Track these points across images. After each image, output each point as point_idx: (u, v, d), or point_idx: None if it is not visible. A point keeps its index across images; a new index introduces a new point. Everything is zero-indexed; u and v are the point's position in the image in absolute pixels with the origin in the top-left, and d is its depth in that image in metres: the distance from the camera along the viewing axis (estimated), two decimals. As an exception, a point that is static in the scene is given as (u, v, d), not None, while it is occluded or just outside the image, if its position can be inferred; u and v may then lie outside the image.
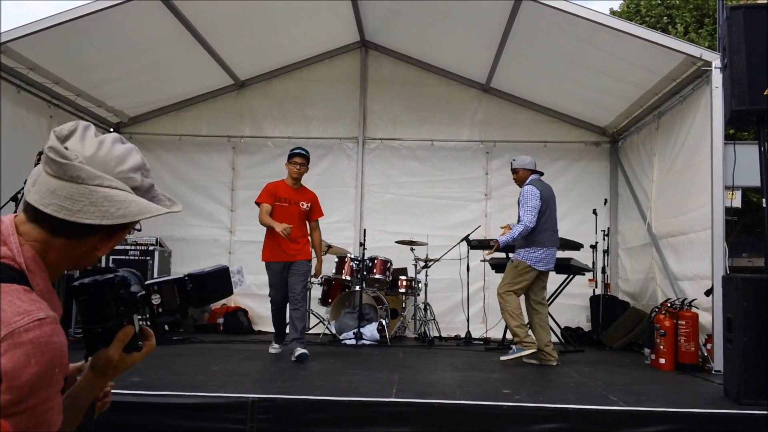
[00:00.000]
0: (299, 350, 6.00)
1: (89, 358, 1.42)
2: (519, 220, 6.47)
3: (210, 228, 9.36)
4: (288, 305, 6.43)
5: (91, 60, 7.61)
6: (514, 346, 6.33)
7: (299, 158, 6.49)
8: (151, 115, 9.60)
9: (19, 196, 6.40)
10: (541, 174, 6.89)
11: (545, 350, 6.28)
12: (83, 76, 7.86)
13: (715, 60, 5.97)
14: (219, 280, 1.55)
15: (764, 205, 4.80)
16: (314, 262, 6.75)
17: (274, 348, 6.64)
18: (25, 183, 4.91)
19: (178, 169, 9.50)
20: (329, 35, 9.19)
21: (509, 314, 6.33)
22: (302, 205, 6.52)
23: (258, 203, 6.47)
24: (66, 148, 1.25)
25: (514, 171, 6.86)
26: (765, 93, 4.60)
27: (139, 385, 4.43)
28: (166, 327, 1.52)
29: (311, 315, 8.21)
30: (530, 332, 6.40)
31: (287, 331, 6.57)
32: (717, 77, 5.83)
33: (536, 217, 6.37)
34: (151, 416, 4.00)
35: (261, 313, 9.07)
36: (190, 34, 7.67)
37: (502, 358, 6.32)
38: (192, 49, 8.05)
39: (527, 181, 6.69)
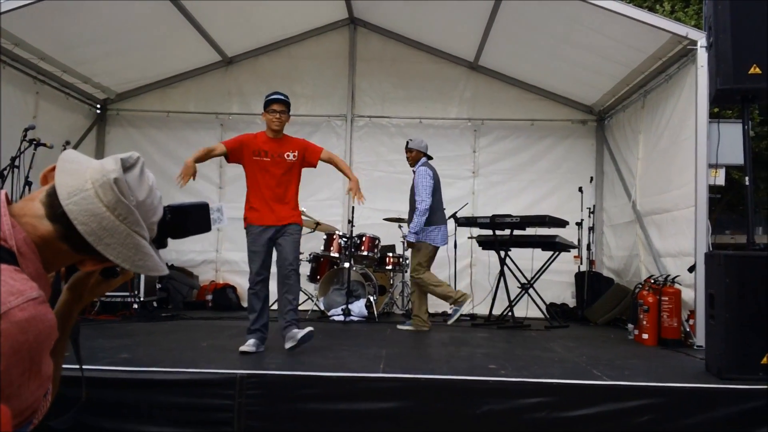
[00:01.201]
0: (300, 332, 5.09)
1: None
2: (414, 202, 6.99)
3: (198, 206, 9.34)
4: (277, 281, 5.40)
5: (77, 36, 7.54)
6: (451, 309, 7.08)
7: (278, 104, 5.38)
8: (139, 92, 9.53)
9: (5, 173, 6.38)
10: (431, 158, 7.39)
11: (423, 317, 7.04)
12: (70, 53, 7.80)
13: (701, 39, 6.00)
14: (198, 214, 1.56)
15: (747, 183, 4.87)
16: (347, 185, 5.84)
17: (248, 345, 5.11)
18: (12, 160, 4.84)
19: (166, 146, 9.46)
20: (317, 12, 9.13)
21: (433, 286, 6.98)
22: (288, 156, 5.39)
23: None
24: (126, 180, 1.27)
25: (409, 150, 7.28)
26: (750, 72, 4.64)
27: (129, 362, 4.47)
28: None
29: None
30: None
31: (267, 320, 5.37)
32: (702, 56, 5.87)
33: (431, 196, 6.93)
34: (140, 393, 4.04)
35: (249, 289, 9.11)
36: (178, 11, 7.61)
37: (449, 322, 7.03)
38: (179, 26, 7.99)
39: (420, 163, 7.18)
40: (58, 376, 1.43)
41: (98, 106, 9.42)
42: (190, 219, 1.54)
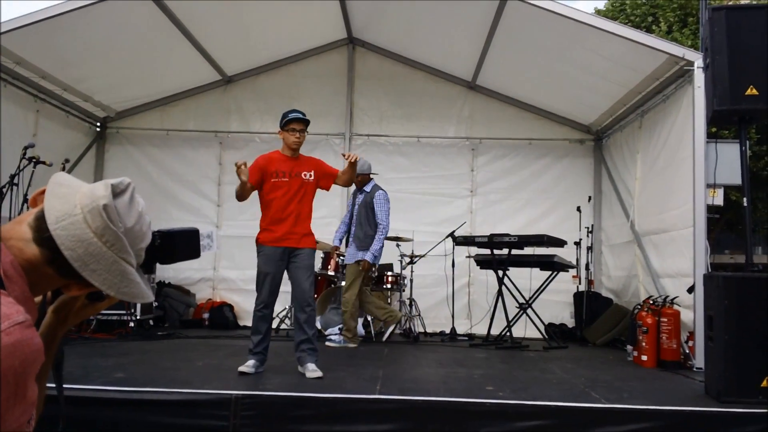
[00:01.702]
0: (313, 373, 4.96)
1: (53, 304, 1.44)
2: (374, 223, 7.27)
3: (196, 223, 9.31)
4: (294, 311, 5.39)
5: (78, 55, 7.58)
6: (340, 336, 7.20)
7: (298, 124, 5.29)
8: (138, 110, 9.55)
9: (4, 191, 6.38)
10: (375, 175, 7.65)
11: (354, 332, 7.25)
12: (70, 71, 7.83)
13: (698, 60, 6.03)
14: (187, 240, 1.53)
15: (745, 203, 4.86)
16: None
17: (247, 366, 5.02)
18: (11, 178, 4.83)
19: (165, 163, 9.47)
20: (316, 32, 9.19)
21: (368, 303, 7.50)
22: (305, 176, 5.29)
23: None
24: (115, 207, 1.26)
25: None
26: (746, 93, 4.66)
27: (124, 381, 4.44)
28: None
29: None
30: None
31: (269, 342, 5.26)
32: (699, 77, 5.90)
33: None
34: (135, 413, 4.00)
35: (247, 308, 9.05)
36: (177, 29, 7.65)
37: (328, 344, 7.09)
38: (179, 44, 8.03)
39: (371, 184, 7.45)
40: (41, 401, 1.41)
41: (98, 124, 9.44)
42: (180, 245, 1.52)
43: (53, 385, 1.48)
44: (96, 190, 1.27)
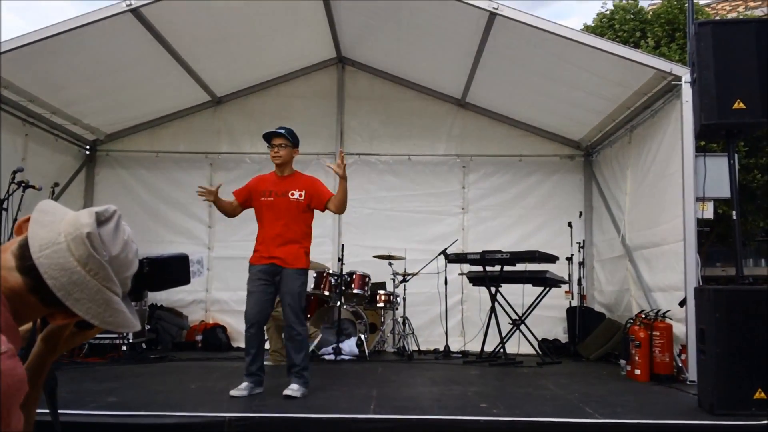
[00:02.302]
0: (290, 389, 4.98)
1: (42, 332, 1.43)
2: None
3: (188, 245, 9.30)
4: (284, 334, 5.35)
5: (66, 78, 7.58)
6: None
7: (277, 138, 5.33)
8: (128, 132, 9.55)
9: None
10: None
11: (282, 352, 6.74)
12: (59, 94, 7.83)
13: (685, 74, 6.08)
14: (177, 267, 1.53)
15: (734, 217, 4.89)
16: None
17: (239, 390, 4.98)
18: (0, 203, 4.82)
19: (156, 186, 9.46)
20: (306, 52, 9.24)
21: None
22: (292, 195, 5.23)
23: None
24: (100, 235, 1.25)
25: None
26: (734, 107, 4.70)
27: (116, 406, 4.40)
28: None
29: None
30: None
31: (263, 362, 5.25)
32: (687, 91, 5.94)
33: None
34: (127, 437, 3.97)
35: (240, 329, 8.95)
36: (166, 51, 7.66)
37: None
38: (168, 66, 8.04)
39: None
40: (30, 429, 1.39)
41: (87, 147, 9.42)
42: (169, 271, 1.52)
43: (46, 411, 1.47)
44: (80, 218, 1.26)
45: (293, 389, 5.00)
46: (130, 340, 7.64)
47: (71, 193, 8.84)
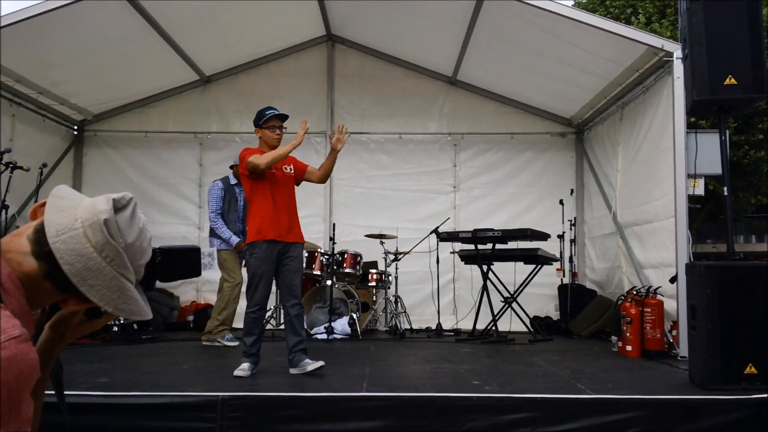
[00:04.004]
0: (312, 364, 4.94)
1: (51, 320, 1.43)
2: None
3: (178, 225, 9.27)
4: (283, 311, 5.24)
5: (53, 57, 7.49)
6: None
7: (277, 120, 5.28)
8: (116, 112, 9.47)
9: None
10: None
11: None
12: (46, 74, 7.74)
13: (677, 51, 6.05)
14: (188, 258, 1.55)
15: (725, 193, 4.89)
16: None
17: (242, 370, 4.92)
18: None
19: (145, 166, 9.40)
20: (295, 29, 9.15)
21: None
22: (285, 169, 5.28)
23: (250, 160, 5.06)
24: (116, 222, 1.24)
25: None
26: (725, 83, 4.68)
27: (108, 386, 4.39)
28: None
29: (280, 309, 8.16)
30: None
31: (261, 343, 5.16)
32: (678, 67, 5.91)
33: None
34: (120, 417, 3.96)
35: (231, 309, 9.04)
36: (154, 30, 7.58)
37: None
38: (156, 45, 7.96)
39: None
40: (37, 416, 1.39)
41: (75, 127, 9.34)
42: (180, 262, 1.53)
43: (51, 392, 1.46)
44: (97, 204, 1.25)
45: (314, 362, 4.96)
46: (122, 321, 7.61)
47: (60, 174, 8.77)
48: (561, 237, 8.65)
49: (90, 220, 1.22)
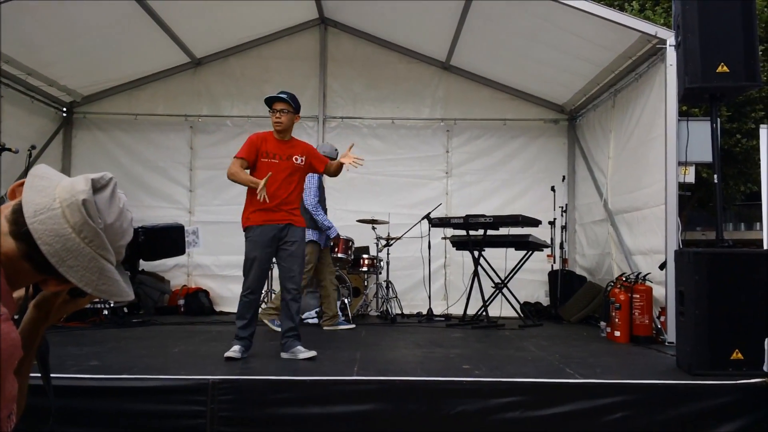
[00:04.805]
0: (304, 353, 5.01)
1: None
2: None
3: (168, 209, 9.22)
4: (281, 294, 5.27)
5: (42, 38, 7.41)
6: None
7: (279, 103, 5.21)
8: (106, 94, 9.39)
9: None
10: None
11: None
12: (35, 55, 7.65)
13: (670, 38, 6.05)
14: (172, 237, 1.54)
15: (715, 180, 4.92)
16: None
17: (233, 351, 4.93)
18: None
19: (135, 149, 9.34)
20: (287, 12, 9.07)
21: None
22: (296, 159, 5.20)
23: (235, 158, 5.20)
24: (95, 202, 1.23)
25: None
26: (717, 71, 4.69)
27: (98, 369, 4.39)
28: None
29: (272, 294, 8.18)
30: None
31: (255, 328, 5.17)
32: (671, 55, 5.92)
33: None
34: (110, 401, 3.97)
35: (222, 293, 9.06)
36: (144, 12, 7.51)
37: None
38: (146, 27, 7.88)
39: None
40: (23, 396, 1.38)
41: (64, 109, 9.26)
42: (164, 241, 1.52)
43: (38, 375, 1.45)
44: (76, 184, 1.24)
45: (306, 351, 5.03)
46: (112, 305, 7.60)
47: (49, 156, 8.70)
48: (552, 223, 8.68)
49: (68, 200, 1.21)
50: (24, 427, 1.37)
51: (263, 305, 7.13)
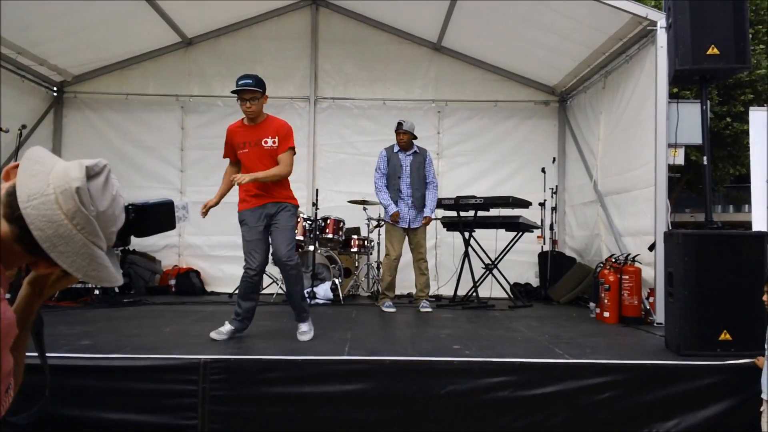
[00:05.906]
0: (303, 333, 5.10)
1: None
2: (419, 182, 7.32)
3: (159, 189, 9.19)
4: (281, 273, 5.33)
5: (32, 17, 7.32)
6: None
7: (245, 93, 5.09)
8: (96, 74, 9.32)
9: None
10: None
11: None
12: (25, 34, 7.58)
13: (661, 20, 6.05)
14: (162, 213, 1.54)
15: (705, 162, 4.95)
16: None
17: (219, 333, 5.00)
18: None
19: (125, 129, 9.29)
20: (278, -9, 9.02)
21: None
22: (266, 143, 5.13)
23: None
24: (89, 190, 1.24)
25: (406, 132, 7.38)
26: (708, 53, 4.70)
27: (90, 349, 4.40)
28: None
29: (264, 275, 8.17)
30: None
31: (255, 304, 5.23)
32: (662, 37, 5.93)
33: None
34: (102, 380, 3.98)
35: (213, 273, 9.08)
36: (134, -10, 7.45)
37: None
38: (137, 6, 7.82)
39: (415, 146, 7.49)
40: (20, 371, 1.40)
41: (55, 88, 9.19)
42: (154, 217, 1.51)
43: (34, 354, 1.47)
44: (70, 171, 1.24)
45: (303, 331, 5.15)
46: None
47: (39, 135, 8.65)
48: (542, 205, 8.72)
49: (62, 187, 1.22)
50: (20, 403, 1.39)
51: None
